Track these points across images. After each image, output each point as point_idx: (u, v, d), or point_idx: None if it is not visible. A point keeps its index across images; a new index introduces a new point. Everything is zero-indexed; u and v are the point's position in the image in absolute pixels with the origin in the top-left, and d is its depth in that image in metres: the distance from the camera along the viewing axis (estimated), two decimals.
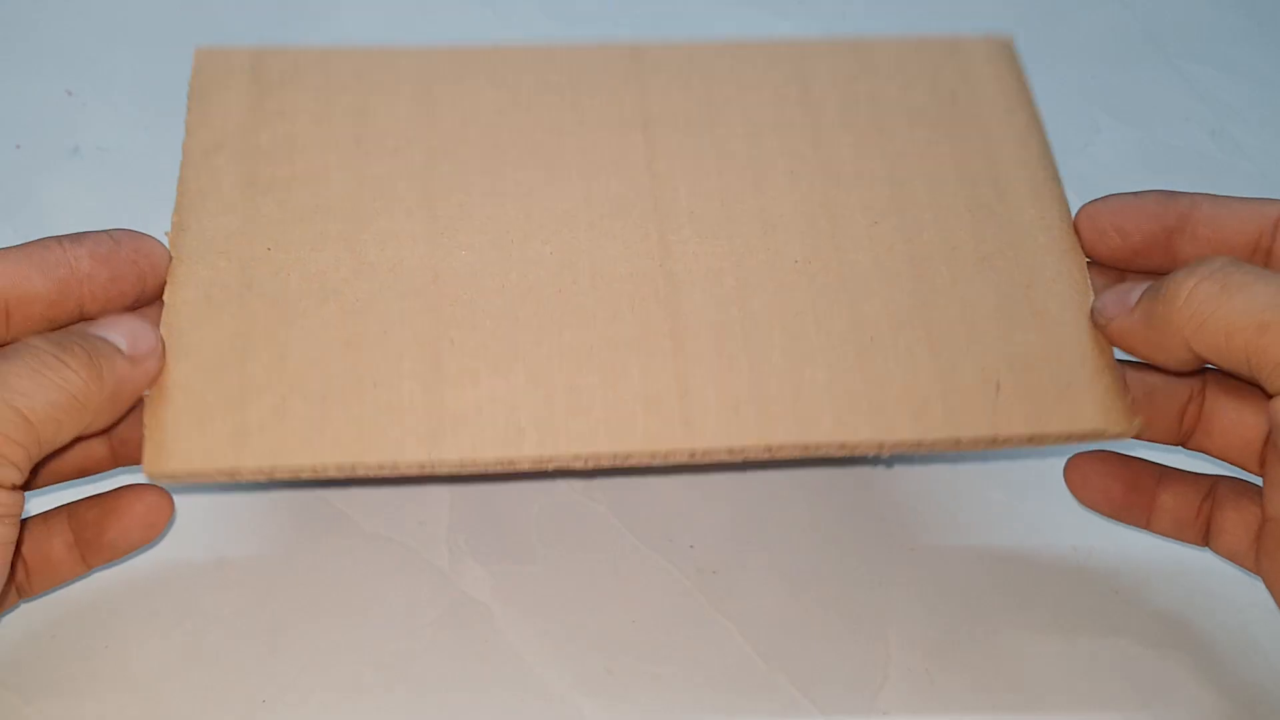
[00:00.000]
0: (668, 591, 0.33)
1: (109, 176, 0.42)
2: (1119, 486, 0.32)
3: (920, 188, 0.30)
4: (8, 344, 0.26)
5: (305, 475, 0.26)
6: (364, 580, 0.33)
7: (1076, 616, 0.33)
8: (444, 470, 0.26)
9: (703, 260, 0.29)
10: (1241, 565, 0.31)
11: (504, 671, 0.31)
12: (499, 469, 0.27)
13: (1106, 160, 0.48)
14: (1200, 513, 0.31)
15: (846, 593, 0.33)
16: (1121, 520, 0.32)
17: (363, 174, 0.29)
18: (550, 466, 0.27)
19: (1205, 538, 0.31)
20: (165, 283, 0.28)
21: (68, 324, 0.27)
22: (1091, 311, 0.29)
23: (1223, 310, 0.25)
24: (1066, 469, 0.32)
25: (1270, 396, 0.25)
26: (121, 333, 0.26)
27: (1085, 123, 0.50)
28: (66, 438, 0.25)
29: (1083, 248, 0.30)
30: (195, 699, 0.30)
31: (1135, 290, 0.28)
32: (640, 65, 0.31)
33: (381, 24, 0.50)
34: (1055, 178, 0.31)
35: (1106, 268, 0.31)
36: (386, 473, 0.26)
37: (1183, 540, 0.32)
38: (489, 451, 0.26)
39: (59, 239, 0.26)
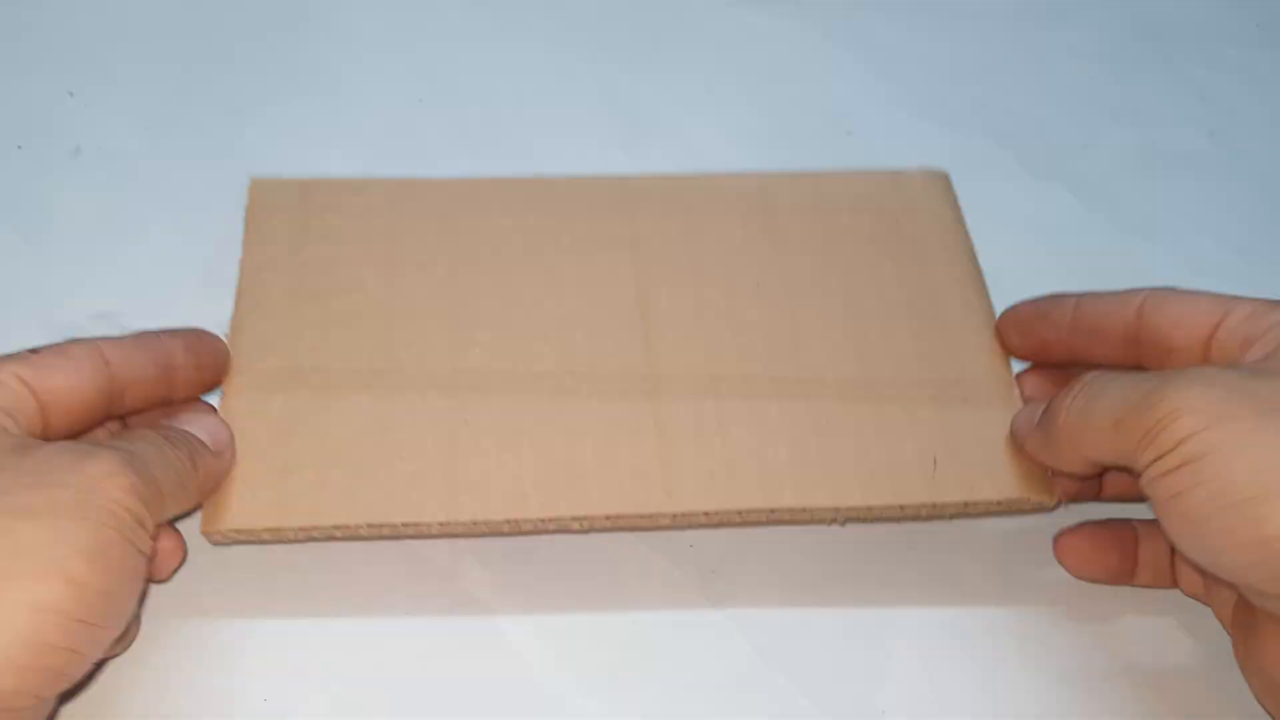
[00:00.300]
0: (668, 591, 0.33)
1: (110, 177, 0.42)
2: (1114, 555, 0.33)
3: (868, 298, 0.35)
4: (111, 419, 0.31)
5: (339, 535, 0.31)
6: (364, 580, 0.33)
7: (1078, 614, 0.33)
8: (459, 530, 0.31)
9: (681, 358, 0.33)
10: (1200, 601, 0.33)
11: (504, 671, 0.31)
12: (506, 529, 0.31)
13: (1105, 161, 0.48)
14: (1172, 559, 0.33)
15: (847, 593, 0.33)
16: (1115, 583, 0.34)
17: (393, 285, 0.34)
18: (551, 527, 0.31)
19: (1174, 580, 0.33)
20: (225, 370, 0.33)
21: (159, 404, 0.31)
22: (1010, 431, 0.33)
23: (1090, 419, 0.28)
24: (1059, 553, 0.33)
25: (1138, 478, 0.27)
26: (205, 429, 0.30)
27: (1084, 123, 0.50)
28: (171, 514, 0.29)
29: (1003, 347, 0.35)
30: (196, 698, 0.30)
31: (1038, 411, 0.31)
32: (627, 195, 0.37)
33: (382, 26, 0.51)
34: (983, 290, 0.36)
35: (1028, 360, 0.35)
36: (410, 532, 0.31)
37: (1163, 586, 0.33)
38: (498, 513, 0.30)
39: (159, 333, 0.31)
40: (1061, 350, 0.33)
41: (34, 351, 0.28)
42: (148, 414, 0.32)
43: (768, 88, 0.50)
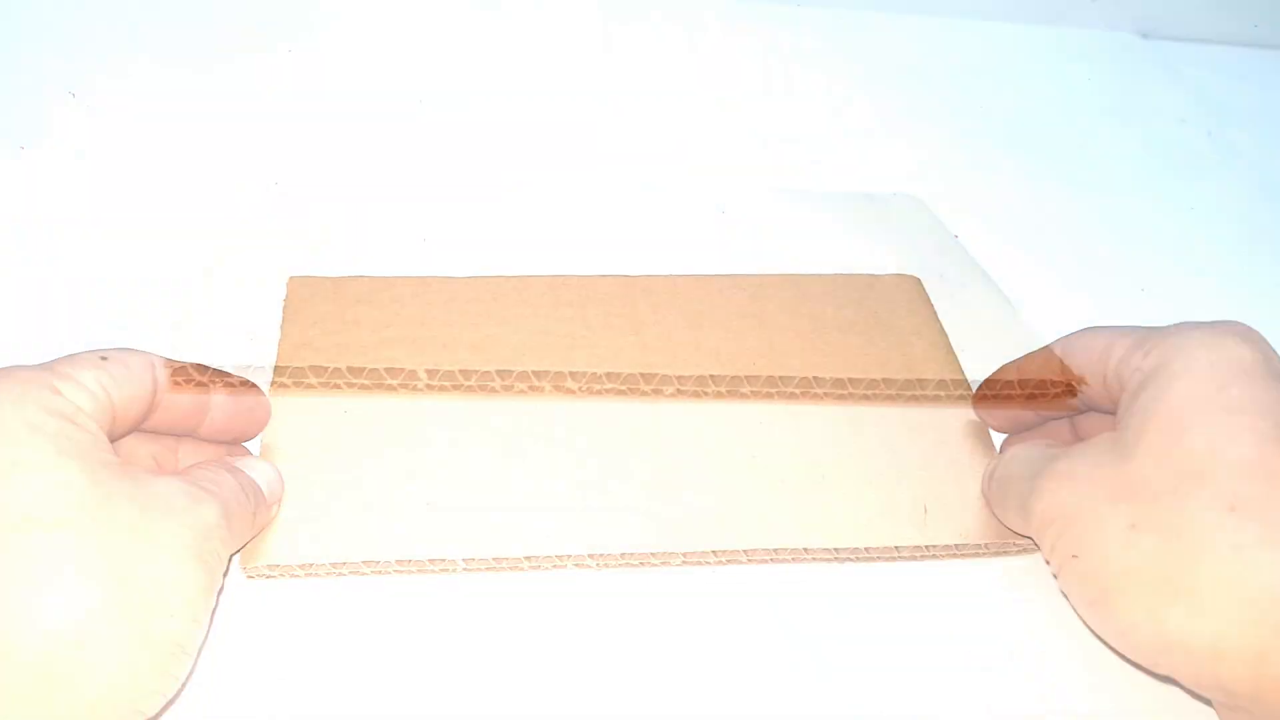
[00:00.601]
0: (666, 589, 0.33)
1: (112, 178, 0.43)
2: None
3: (854, 373, 0.38)
4: (139, 432, 0.31)
5: (367, 570, 0.32)
6: (366, 576, 0.33)
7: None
8: (481, 566, 0.33)
9: (686, 418, 0.37)
10: None
11: (504, 671, 0.31)
12: (526, 566, 0.33)
13: (1102, 161, 0.48)
14: None
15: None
16: None
17: (419, 361, 0.37)
18: (568, 565, 0.33)
19: None
20: (264, 428, 0.34)
21: (180, 435, 0.32)
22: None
23: (1004, 507, 0.32)
24: None
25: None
26: (264, 480, 0.32)
27: (1081, 124, 0.50)
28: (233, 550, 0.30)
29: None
30: (200, 691, 0.30)
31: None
32: (632, 290, 0.41)
33: (384, 28, 0.51)
34: (959, 369, 0.39)
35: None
36: (436, 568, 0.32)
37: None
38: (518, 551, 0.33)
39: (208, 369, 0.32)
40: (1022, 411, 0.35)
41: (104, 358, 0.29)
42: (205, 445, 0.33)
43: (766, 89, 0.50)
